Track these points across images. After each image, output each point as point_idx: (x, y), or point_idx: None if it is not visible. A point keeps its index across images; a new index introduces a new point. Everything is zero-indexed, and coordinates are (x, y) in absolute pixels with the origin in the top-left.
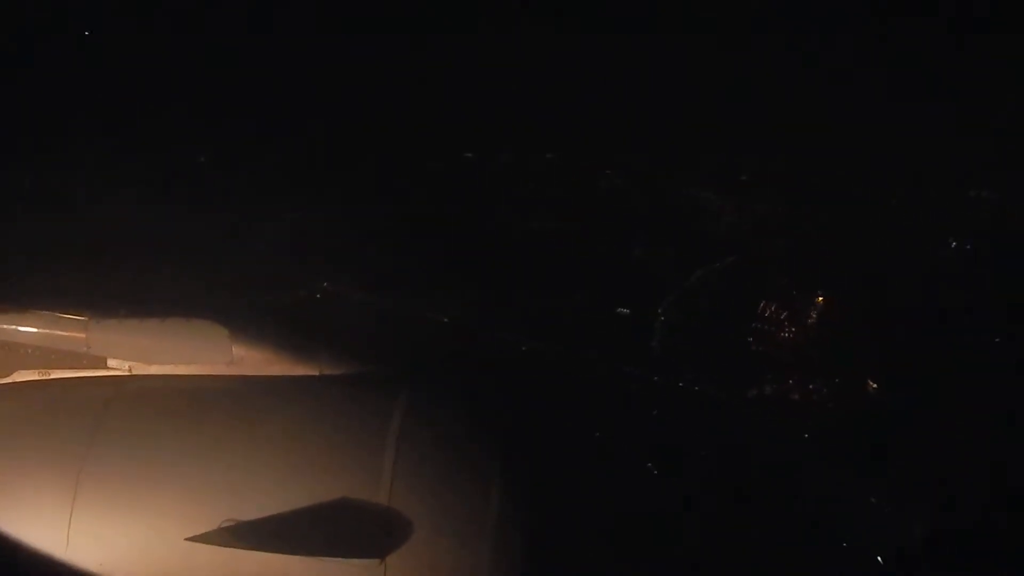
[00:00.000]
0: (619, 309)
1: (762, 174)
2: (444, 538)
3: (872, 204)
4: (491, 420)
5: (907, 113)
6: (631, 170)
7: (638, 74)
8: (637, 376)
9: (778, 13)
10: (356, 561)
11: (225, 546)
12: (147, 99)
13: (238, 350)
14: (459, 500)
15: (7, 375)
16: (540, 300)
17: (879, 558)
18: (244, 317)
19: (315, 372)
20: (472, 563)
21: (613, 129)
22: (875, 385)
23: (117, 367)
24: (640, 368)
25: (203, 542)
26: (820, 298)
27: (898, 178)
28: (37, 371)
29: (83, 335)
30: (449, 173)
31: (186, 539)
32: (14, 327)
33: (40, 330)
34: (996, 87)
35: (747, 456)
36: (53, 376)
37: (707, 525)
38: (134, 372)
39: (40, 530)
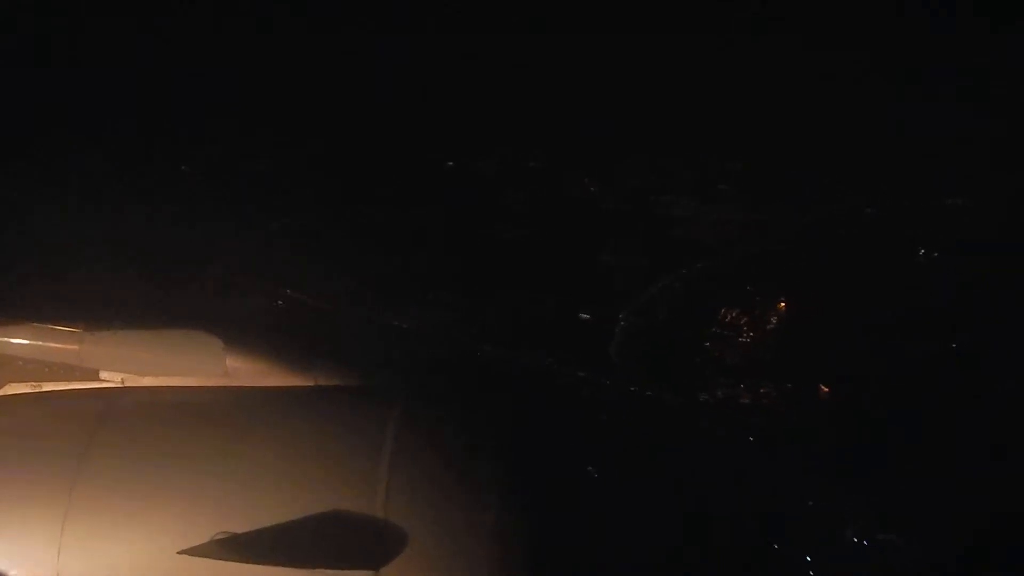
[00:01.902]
0: (581, 315)
1: (741, 183)
2: (440, 548)
3: (848, 213)
4: (487, 429)
5: (886, 123)
6: (610, 178)
7: (621, 81)
8: (590, 381)
9: (763, 22)
10: (350, 573)
11: (218, 559)
12: (133, 110)
13: (232, 361)
14: (455, 509)
15: None
16: (506, 307)
17: (808, 558)
18: (238, 328)
19: (310, 383)
20: (469, 573)
21: (594, 137)
22: (826, 390)
23: (110, 379)
24: (594, 373)
25: (196, 555)
26: (782, 304)
27: (875, 187)
28: (29, 384)
29: (76, 347)
30: (428, 182)
31: (179, 552)
32: (6, 339)
33: (33, 342)
34: (973, 96)
35: (690, 459)
36: (45, 389)
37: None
38: (127, 384)
39: (30, 545)
